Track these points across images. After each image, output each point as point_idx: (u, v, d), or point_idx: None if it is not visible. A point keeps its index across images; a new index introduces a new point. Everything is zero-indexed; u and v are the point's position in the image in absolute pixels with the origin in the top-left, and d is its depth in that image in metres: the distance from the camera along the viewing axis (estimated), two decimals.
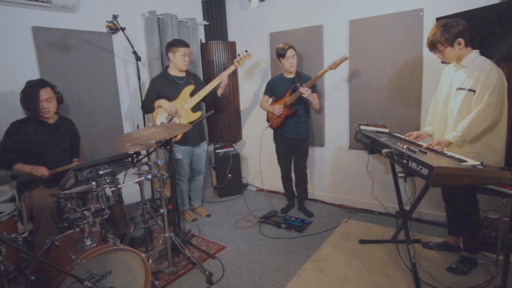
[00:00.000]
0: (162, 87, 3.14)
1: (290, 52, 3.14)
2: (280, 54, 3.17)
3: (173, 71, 3.20)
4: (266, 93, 3.48)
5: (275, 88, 3.38)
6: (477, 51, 2.14)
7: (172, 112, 3.05)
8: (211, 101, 3.39)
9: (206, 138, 3.63)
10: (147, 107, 3.17)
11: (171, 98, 3.13)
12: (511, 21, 2.22)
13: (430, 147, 2.11)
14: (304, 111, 3.32)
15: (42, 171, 2.43)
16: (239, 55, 3.34)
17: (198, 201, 3.70)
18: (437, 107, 2.40)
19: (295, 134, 3.32)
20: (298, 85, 3.12)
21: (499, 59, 2.42)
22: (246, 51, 3.35)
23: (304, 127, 3.34)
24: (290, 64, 3.17)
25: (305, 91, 3.02)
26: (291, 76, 3.27)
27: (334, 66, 2.98)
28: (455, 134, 2.11)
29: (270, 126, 3.47)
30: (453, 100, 2.21)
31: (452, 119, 2.22)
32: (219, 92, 3.32)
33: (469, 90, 2.09)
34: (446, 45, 2.10)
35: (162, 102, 3.09)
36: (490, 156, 2.09)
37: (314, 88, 3.25)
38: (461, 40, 2.08)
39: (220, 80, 3.21)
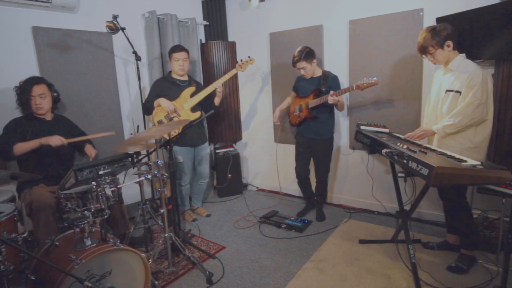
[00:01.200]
0: (164, 88, 3.16)
1: (299, 65, 3.02)
2: (292, 62, 3.08)
3: (175, 75, 3.23)
4: (293, 88, 3.37)
5: (298, 86, 3.28)
6: (464, 54, 2.22)
7: (170, 110, 3.05)
8: (208, 107, 3.35)
9: (208, 140, 3.62)
10: (148, 107, 3.18)
11: (171, 99, 3.13)
12: (511, 21, 2.23)
13: (415, 135, 2.31)
14: (328, 112, 3.17)
15: (57, 139, 2.42)
16: (241, 60, 3.33)
17: (198, 202, 3.70)
18: (429, 109, 2.47)
19: (315, 135, 3.20)
20: (323, 89, 3.00)
21: (499, 59, 2.42)
22: (249, 56, 3.34)
23: (325, 128, 3.19)
24: (302, 72, 3.09)
25: (332, 100, 2.83)
26: (317, 75, 3.14)
27: (361, 87, 2.76)
28: (439, 125, 2.22)
29: (290, 122, 3.38)
30: (443, 102, 2.28)
31: (442, 120, 2.27)
32: (216, 101, 3.30)
33: (456, 91, 2.18)
34: (436, 48, 2.19)
35: (161, 100, 3.09)
36: (471, 152, 2.15)
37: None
38: (450, 43, 2.18)
39: (215, 87, 3.18)
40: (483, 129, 2.18)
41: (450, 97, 2.21)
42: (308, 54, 3.01)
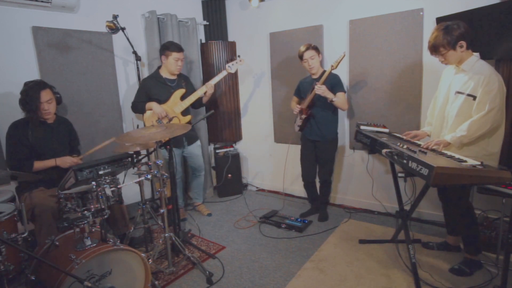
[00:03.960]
0: (153, 88, 3.13)
1: (308, 54, 3.01)
2: (299, 56, 3.08)
3: (164, 73, 3.20)
4: (294, 93, 3.39)
5: (301, 89, 3.29)
6: (478, 54, 2.13)
7: (162, 116, 3.05)
8: (198, 106, 3.41)
9: (199, 138, 3.62)
10: (137, 108, 3.16)
11: (161, 100, 3.12)
12: (511, 21, 2.22)
13: (429, 146, 2.12)
14: (330, 112, 3.14)
15: (70, 160, 2.53)
16: (233, 59, 3.37)
17: (200, 198, 3.71)
18: (436, 108, 2.39)
19: (318, 137, 3.16)
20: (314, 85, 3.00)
21: (499, 59, 2.41)
22: (239, 56, 3.43)
23: (328, 129, 3.15)
24: (308, 66, 3.06)
25: (317, 88, 2.88)
26: (316, 76, 3.13)
27: (334, 66, 2.85)
28: (453, 135, 2.10)
29: (297, 128, 3.35)
30: (451, 103, 2.20)
31: (449, 122, 2.21)
32: (204, 100, 3.32)
33: (468, 95, 2.07)
34: (448, 48, 2.07)
35: (153, 105, 3.07)
36: (486, 160, 2.05)
37: (339, 87, 3.03)
38: (463, 43, 2.05)
39: (206, 89, 3.21)
40: (497, 138, 2.09)
41: (461, 100, 2.10)
42: (316, 47, 3.07)
